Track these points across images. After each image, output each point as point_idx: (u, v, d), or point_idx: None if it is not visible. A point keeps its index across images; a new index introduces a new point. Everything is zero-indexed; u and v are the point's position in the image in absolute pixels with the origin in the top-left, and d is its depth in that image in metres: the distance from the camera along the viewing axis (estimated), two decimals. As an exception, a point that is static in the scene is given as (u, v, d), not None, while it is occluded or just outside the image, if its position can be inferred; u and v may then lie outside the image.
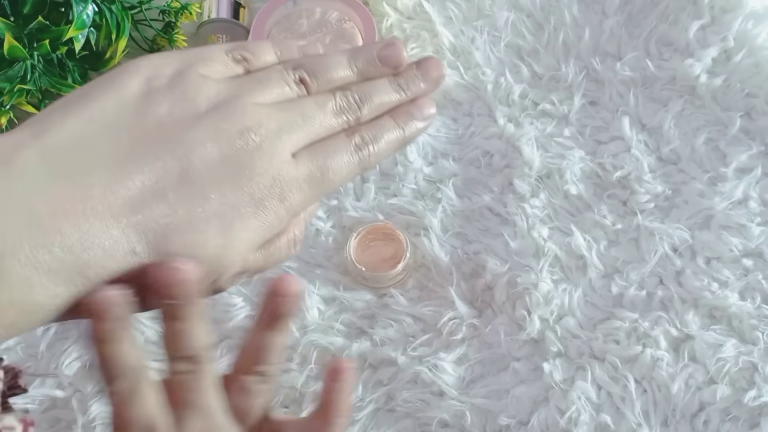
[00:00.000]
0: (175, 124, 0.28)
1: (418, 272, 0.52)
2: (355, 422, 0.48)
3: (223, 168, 0.28)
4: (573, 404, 0.47)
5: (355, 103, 0.33)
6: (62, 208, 0.24)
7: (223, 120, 0.29)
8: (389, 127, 0.33)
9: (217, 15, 0.59)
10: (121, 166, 0.26)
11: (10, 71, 0.51)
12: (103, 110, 0.27)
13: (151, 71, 0.29)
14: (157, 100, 0.28)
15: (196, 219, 0.27)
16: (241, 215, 0.29)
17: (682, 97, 0.55)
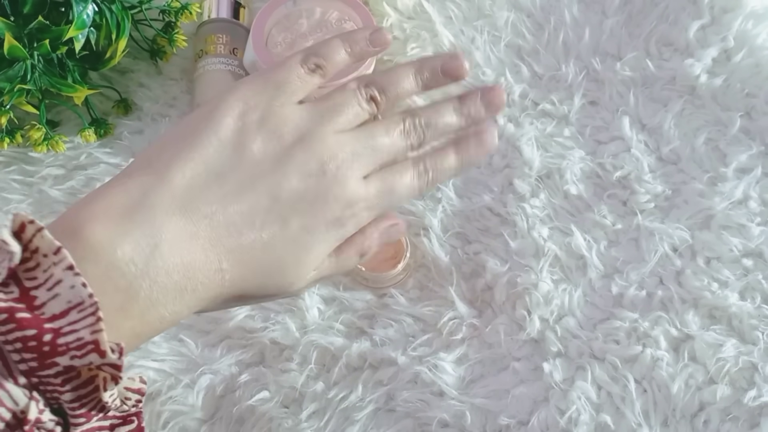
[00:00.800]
0: (266, 162, 0.34)
1: (418, 272, 0.52)
2: (355, 422, 0.48)
3: (304, 198, 0.34)
4: (573, 404, 0.47)
5: (421, 128, 0.37)
6: (176, 238, 0.30)
7: (306, 154, 0.34)
8: (450, 158, 0.38)
9: (217, 15, 0.59)
10: (224, 201, 0.32)
11: (10, 71, 0.51)
12: (208, 154, 0.33)
13: (242, 106, 0.34)
14: (250, 138, 0.34)
15: (277, 240, 0.33)
16: (315, 235, 0.34)
17: (682, 97, 0.55)
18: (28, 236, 0.27)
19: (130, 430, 0.30)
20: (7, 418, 0.26)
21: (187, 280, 0.31)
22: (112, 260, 0.29)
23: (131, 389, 0.30)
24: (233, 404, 0.49)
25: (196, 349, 0.51)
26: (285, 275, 0.34)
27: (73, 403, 0.28)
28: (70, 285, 0.27)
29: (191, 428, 0.49)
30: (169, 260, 0.30)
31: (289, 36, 0.56)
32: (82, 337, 0.27)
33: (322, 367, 0.50)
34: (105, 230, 0.29)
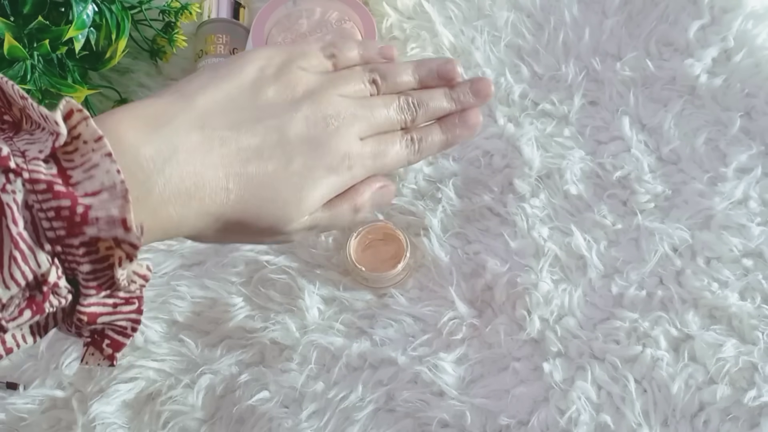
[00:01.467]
0: (278, 105, 0.39)
1: (418, 272, 0.52)
2: (355, 422, 0.48)
3: (308, 142, 0.38)
4: (573, 404, 0.47)
5: (414, 106, 0.43)
6: (193, 150, 0.34)
7: (313, 106, 0.39)
8: (435, 132, 0.44)
9: (217, 15, 0.59)
10: (238, 130, 0.37)
11: (10, 71, 0.51)
12: (230, 89, 0.38)
13: (264, 62, 0.40)
14: (267, 84, 0.39)
15: (280, 174, 0.37)
16: (314, 177, 0.39)
17: (682, 97, 0.55)
18: (74, 122, 0.30)
19: (130, 310, 0.33)
20: (29, 278, 0.29)
21: (196, 188, 0.34)
22: (135, 156, 0.32)
23: (138, 273, 0.33)
24: (233, 404, 0.49)
25: (196, 349, 0.51)
26: (282, 208, 0.38)
27: (89, 275, 0.31)
28: (106, 170, 0.30)
29: (191, 428, 0.49)
30: (183, 167, 0.34)
31: (289, 36, 0.56)
32: (112, 214, 0.30)
33: (322, 367, 0.50)
34: (133, 133, 0.33)
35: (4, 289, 0.29)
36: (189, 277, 0.53)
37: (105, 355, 0.34)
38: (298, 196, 0.38)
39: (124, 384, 0.49)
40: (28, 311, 0.29)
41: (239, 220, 0.37)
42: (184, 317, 0.52)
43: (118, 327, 0.33)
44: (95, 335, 0.33)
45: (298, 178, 0.38)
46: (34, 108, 0.30)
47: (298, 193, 0.38)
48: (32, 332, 0.32)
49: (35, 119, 0.30)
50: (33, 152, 0.29)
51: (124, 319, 0.33)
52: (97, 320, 0.32)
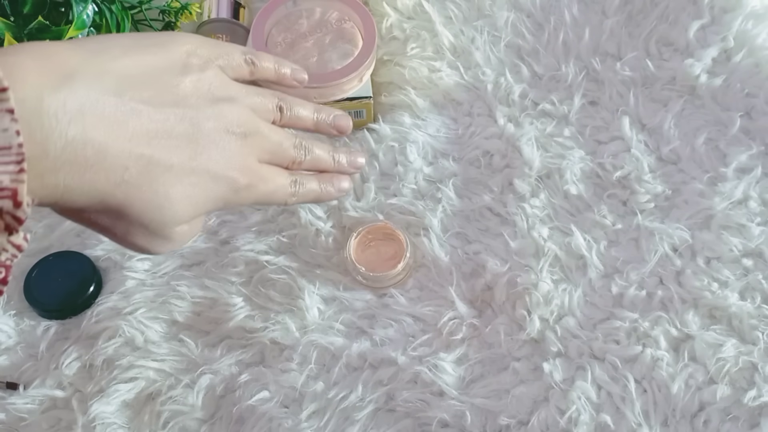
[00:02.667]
0: (199, 96, 0.37)
1: (418, 272, 0.52)
2: (355, 422, 0.48)
3: (218, 144, 0.37)
4: (573, 404, 0.47)
5: (306, 149, 0.44)
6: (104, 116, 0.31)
7: (230, 111, 0.38)
8: (313, 183, 0.45)
9: (217, 15, 0.59)
10: (156, 107, 0.34)
11: (10, 71, 0.51)
12: (154, 62, 0.35)
13: (191, 48, 0.38)
14: (191, 73, 0.37)
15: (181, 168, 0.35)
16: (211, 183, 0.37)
17: (682, 97, 0.55)
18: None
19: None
20: None
21: (96, 158, 0.31)
22: (36, 109, 0.29)
23: (13, 243, 0.30)
24: (233, 404, 0.49)
25: (196, 349, 0.51)
26: (170, 207, 0.36)
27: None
28: (3, 128, 0.27)
29: (191, 428, 0.49)
30: (89, 131, 0.30)
31: (289, 36, 0.56)
32: (2, 182, 0.27)
33: (322, 367, 0.50)
34: (38, 78, 0.29)
35: None
36: (189, 277, 0.53)
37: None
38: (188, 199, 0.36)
39: (124, 384, 0.49)
40: None
41: (122, 207, 0.34)
42: (184, 317, 0.52)
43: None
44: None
45: (194, 180, 0.36)
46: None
47: (190, 196, 0.36)
48: None
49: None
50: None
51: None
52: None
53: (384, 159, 0.55)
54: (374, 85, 0.58)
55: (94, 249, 0.54)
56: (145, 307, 0.52)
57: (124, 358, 0.50)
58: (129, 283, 0.52)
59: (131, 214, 0.34)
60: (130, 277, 0.53)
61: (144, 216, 0.35)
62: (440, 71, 0.58)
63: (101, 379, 0.50)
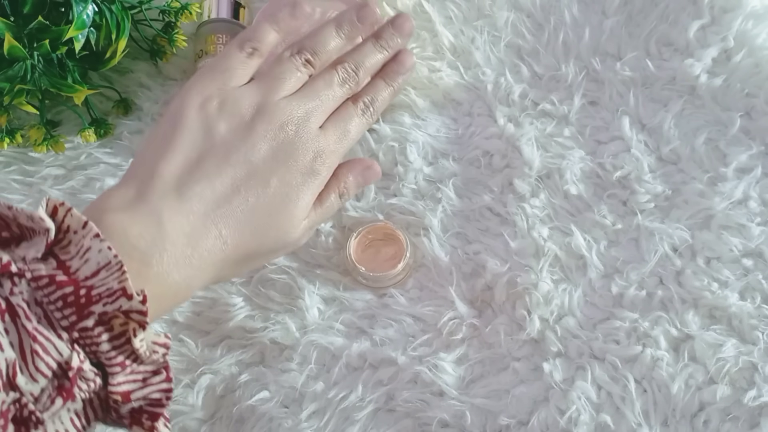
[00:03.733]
0: (234, 136, 0.39)
1: (418, 272, 0.52)
2: (355, 422, 0.48)
3: (275, 159, 0.40)
4: (573, 404, 0.47)
5: (353, 72, 0.44)
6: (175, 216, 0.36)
7: (266, 122, 0.40)
8: (381, 87, 0.46)
9: (217, 15, 0.59)
10: (209, 179, 0.38)
11: (10, 71, 0.51)
12: (182, 146, 0.39)
13: (200, 99, 0.40)
14: (214, 122, 0.40)
15: (262, 200, 0.39)
16: (295, 187, 0.40)
17: (682, 97, 0.55)
18: (60, 216, 0.32)
19: (160, 380, 0.34)
20: (54, 368, 0.31)
21: (191, 248, 0.36)
22: (125, 237, 0.34)
23: (158, 343, 0.34)
24: (233, 404, 0.49)
25: (196, 349, 0.51)
26: (279, 228, 0.40)
27: (110, 352, 0.32)
28: (98, 249, 0.32)
29: (191, 428, 0.49)
30: (172, 232, 0.35)
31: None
32: (111, 287, 0.32)
33: (322, 367, 0.50)
34: (116, 217, 0.35)
35: (33, 383, 0.30)
36: (189, 277, 0.53)
37: (146, 428, 0.34)
38: (288, 212, 0.40)
39: (124, 384, 0.49)
40: (60, 399, 0.31)
41: (244, 255, 0.39)
42: (184, 317, 0.52)
43: (152, 400, 0.34)
44: (134, 414, 0.34)
45: (281, 197, 0.40)
46: (20, 212, 0.32)
47: (287, 208, 0.40)
48: (73, 424, 0.32)
49: (26, 224, 0.32)
50: (31, 254, 0.32)
51: (155, 390, 0.34)
52: (131, 397, 0.33)
53: (384, 159, 0.55)
54: (374, 85, 0.58)
55: (94, 249, 0.54)
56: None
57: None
58: (129, 283, 0.52)
59: (254, 253, 0.40)
60: (130, 277, 0.53)
61: (264, 248, 0.40)
62: (440, 71, 0.57)
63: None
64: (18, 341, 0.30)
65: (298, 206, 0.41)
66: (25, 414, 0.30)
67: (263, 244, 0.40)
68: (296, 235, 0.42)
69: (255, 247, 0.40)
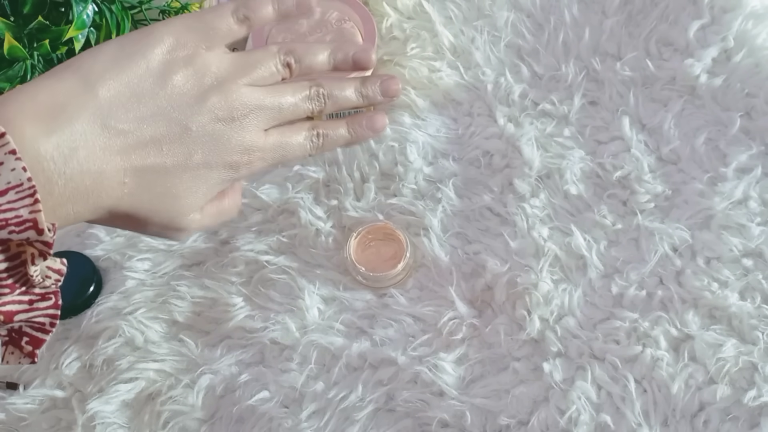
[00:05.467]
0: (184, 95, 0.37)
1: (418, 272, 0.52)
2: (355, 422, 0.48)
3: (210, 135, 0.37)
4: (573, 404, 0.47)
5: (323, 97, 0.41)
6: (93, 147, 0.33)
7: (220, 99, 0.38)
8: (341, 130, 0.43)
9: (217, 15, 0.59)
10: (140, 122, 0.35)
11: (10, 71, 0.51)
12: (135, 74, 0.36)
13: (173, 41, 0.37)
14: (175, 71, 0.37)
15: (177, 169, 0.37)
16: (211, 172, 0.38)
17: (682, 97, 0.55)
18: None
19: (47, 306, 0.33)
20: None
21: (95, 185, 0.34)
22: (35, 155, 0.31)
23: (52, 268, 0.32)
24: (233, 404, 0.49)
25: (196, 349, 0.51)
26: (175, 203, 0.38)
27: (2, 273, 0.30)
28: (11, 168, 0.29)
29: (191, 428, 0.49)
30: (84, 164, 0.33)
31: (289, 36, 0.56)
32: (21, 215, 0.29)
33: (322, 367, 0.50)
34: (31, 127, 0.31)
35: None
36: (189, 277, 0.53)
37: (25, 353, 0.33)
38: (191, 190, 0.38)
39: (124, 384, 0.49)
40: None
41: (131, 213, 0.37)
42: (184, 317, 0.52)
43: (36, 324, 0.33)
44: (13, 334, 0.33)
45: (194, 172, 0.38)
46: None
47: (192, 186, 0.38)
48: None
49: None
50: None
51: (41, 315, 0.33)
52: (14, 318, 0.32)
53: (384, 159, 0.55)
54: (374, 85, 0.58)
55: (94, 249, 0.54)
56: (145, 307, 0.52)
57: (124, 358, 0.50)
58: (129, 283, 0.52)
59: (140, 217, 0.37)
60: (130, 277, 0.53)
61: (151, 217, 0.37)
62: (440, 71, 0.58)
63: (101, 379, 0.50)
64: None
65: (203, 190, 0.38)
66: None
67: (153, 212, 0.37)
68: (183, 224, 0.39)
69: (144, 212, 0.37)
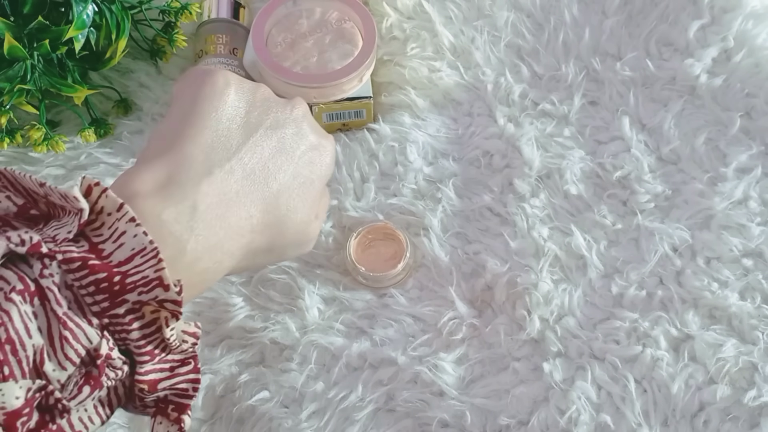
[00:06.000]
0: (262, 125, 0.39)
1: (418, 272, 0.52)
2: (355, 422, 0.48)
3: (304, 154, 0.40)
4: (573, 404, 0.47)
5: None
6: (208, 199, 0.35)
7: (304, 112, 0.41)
8: None
9: (217, 15, 0.59)
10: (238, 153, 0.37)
11: (10, 71, 0.51)
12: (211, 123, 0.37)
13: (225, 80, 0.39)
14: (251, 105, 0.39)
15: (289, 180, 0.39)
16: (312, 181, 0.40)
17: (682, 97, 0.55)
18: (94, 197, 0.31)
19: (187, 371, 0.34)
20: (82, 355, 0.29)
21: (224, 231, 0.35)
22: (158, 221, 0.32)
23: (188, 332, 0.33)
24: (233, 404, 0.49)
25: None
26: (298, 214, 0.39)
27: (139, 341, 0.31)
28: (133, 234, 0.30)
29: (191, 428, 0.49)
30: (207, 217, 0.34)
31: (289, 36, 0.56)
32: (147, 276, 0.30)
33: (322, 367, 0.50)
34: (150, 201, 0.33)
35: (61, 370, 0.29)
36: (189, 277, 0.53)
37: (171, 420, 0.34)
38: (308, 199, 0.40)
39: (124, 384, 0.49)
40: (87, 387, 0.30)
41: (265, 243, 0.38)
42: (184, 317, 0.51)
43: (179, 390, 0.33)
44: (159, 404, 0.34)
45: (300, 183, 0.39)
46: (53, 190, 0.30)
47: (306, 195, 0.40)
48: (97, 412, 0.32)
49: (57, 203, 0.31)
50: (62, 234, 0.30)
51: (183, 381, 0.33)
52: (158, 387, 0.32)
53: (384, 159, 0.55)
54: (374, 85, 0.58)
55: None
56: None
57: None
58: (129, 283, 0.52)
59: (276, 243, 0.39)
60: (130, 277, 0.53)
61: (284, 237, 0.39)
62: (440, 71, 0.57)
63: (101, 379, 0.50)
64: (47, 326, 0.29)
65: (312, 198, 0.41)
66: (51, 402, 0.29)
67: (283, 233, 0.39)
68: (311, 232, 0.42)
69: (276, 236, 0.39)
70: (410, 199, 0.54)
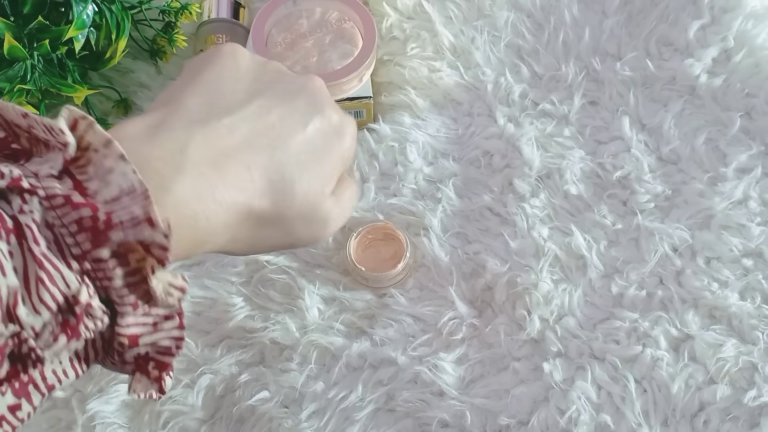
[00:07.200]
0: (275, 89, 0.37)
1: (418, 272, 0.52)
2: (355, 422, 0.48)
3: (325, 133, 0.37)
4: (573, 404, 0.47)
5: None
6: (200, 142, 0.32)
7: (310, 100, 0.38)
8: None
9: (217, 15, 0.59)
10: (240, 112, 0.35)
11: (10, 71, 0.51)
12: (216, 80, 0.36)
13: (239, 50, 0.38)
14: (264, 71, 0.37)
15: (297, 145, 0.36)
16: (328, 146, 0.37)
17: (682, 97, 0.55)
18: (81, 132, 0.28)
19: (171, 327, 0.31)
20: (59, 300, 0.27)
21: (218, 178, 0.32)
22: (145, 161, 0.30)
23: (174, 285, 0.30)
24: (233, 404, 0.49)
25: (196, 349, 0.51)
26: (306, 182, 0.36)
27: (122, 289, 0.29)
28: (121, 172, 0.28)
29: (191, 428, 0.49)
30: (196, 159, 0.32)
31: (289, 36, 0.56)
32: (134, 213, 0.28)
33: (322, 367, 0.50)
34: (136, 141, 0.31)
35: (35, 315, 0.27)
36: (189, 277, 0.53)
37: (152, 378, 0.32)
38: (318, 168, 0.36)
39: (124, 384, 0.49)
40: (63, 336, 0.28)
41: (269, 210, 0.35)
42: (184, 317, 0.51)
43: (161, 347, 0.31)
44: (139, 360, 0.32)
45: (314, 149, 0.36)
46: (38, 122, 0.28)
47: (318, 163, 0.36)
48: (72, 365, 0.30)
49: (41, 137, 0.29)
50: (45, 170, 0.28)
51: (166, 337, 0.31)
52: (139, 342, 0.30)
53: (384, 159, 0.55)
54: (374, 85, 0.58)
55: (94, 249, 0.54)
56: (145, 307, 0.51)
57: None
58: (129, 283, 0.52)
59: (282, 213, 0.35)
60: (130, 277, 0.53)
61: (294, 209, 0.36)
62: (440, 71, 0.58)
63: (101, 379, 0.50)
64: (23, 266, 0.26)
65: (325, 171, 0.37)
66: (24, 350, 0.27)
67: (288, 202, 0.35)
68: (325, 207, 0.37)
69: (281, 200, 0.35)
70: (410, 199, 0.54)
